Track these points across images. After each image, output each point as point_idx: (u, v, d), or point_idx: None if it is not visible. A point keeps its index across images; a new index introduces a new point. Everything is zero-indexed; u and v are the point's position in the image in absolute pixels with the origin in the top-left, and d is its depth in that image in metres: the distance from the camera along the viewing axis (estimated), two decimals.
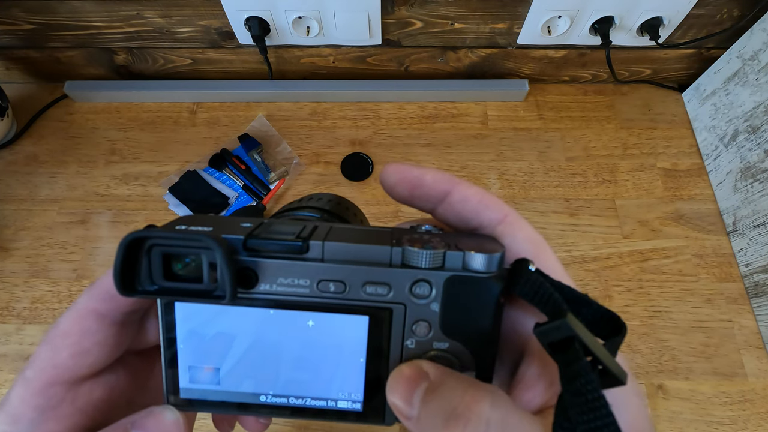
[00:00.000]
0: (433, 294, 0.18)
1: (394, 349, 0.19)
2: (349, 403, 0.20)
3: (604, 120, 0.65)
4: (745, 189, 0.55)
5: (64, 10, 0.56)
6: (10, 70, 0.67)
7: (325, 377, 0.20)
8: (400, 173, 0.20)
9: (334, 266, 0.18)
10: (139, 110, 0.66)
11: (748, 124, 0.54)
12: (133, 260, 0.17)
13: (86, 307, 0.19)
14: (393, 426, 0.20)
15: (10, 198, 0.60)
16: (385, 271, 0.18)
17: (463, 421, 0.15)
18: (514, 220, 0.19)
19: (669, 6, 0.54)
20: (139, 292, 0.17)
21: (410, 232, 0.19)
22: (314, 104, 0.67)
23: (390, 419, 0.20)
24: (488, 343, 0.19)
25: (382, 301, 0.18)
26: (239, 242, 0.17)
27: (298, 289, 0.18)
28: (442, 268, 0.18)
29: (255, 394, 0.20)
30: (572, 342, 0.15)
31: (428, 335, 0.19)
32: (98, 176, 0.62)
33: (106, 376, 0.20)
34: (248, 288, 0.18)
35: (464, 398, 0.16)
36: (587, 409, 0.14)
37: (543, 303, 0.17)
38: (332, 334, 0.19)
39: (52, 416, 0.18)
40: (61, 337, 0.19)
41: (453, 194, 0.19)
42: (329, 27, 0.58)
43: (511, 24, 0.59)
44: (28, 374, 0.18)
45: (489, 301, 0.18)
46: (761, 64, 0.52)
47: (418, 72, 0.68)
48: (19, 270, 0.56)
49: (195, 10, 0.57)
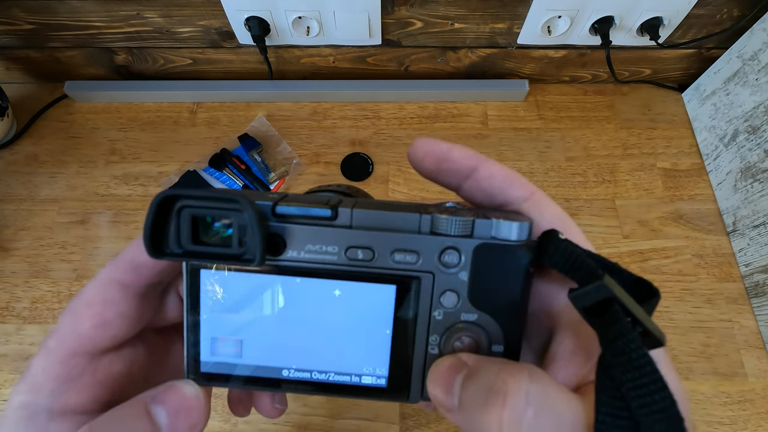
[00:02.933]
0: (462, 263, 0.18)
1: (421, 320, 0.19)
2: (374, 378, 0.19)
3: (604, 120, 0.65)
4: (745, 189, 0.55)
5: (64, 10, 0.56)
6: (10, 70, 0.67)
7: (349, 351, 0.19)
8: (428, 147, 0.20)
9: (363, 233, 0.18)
10: (139, 110, 0.66)
11: (748, 124, 0.54)
12: (162, 222, 0.17)
13: (109, 278, 0.19)
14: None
15: (10, 198, 0.60)
16: (414, 238, 0.18)
17: (501, 395, 0.15)
18: (540, 198, 0.19)
19: (669, 6, 0.54)
20: (167, 254, 0.17)
21: (437, 205, 0.19)
22: (314, 104, 0.67)
23: (415, 396, 0.19)
24: (517, 315, 0.18)
25: (410, 269, 0.18)
26: (268, 208, 0.17)
27: (325, 256, 0.18)
28: (471, 236, 0.18)
29: (278, 368, 0.19)
30: (610, 304, 0.15)
31: (456, 306, 0.18)
32: (98, 176, 0.62)
33: (127, 350, 0.20)
34: (276, 255, 0.18)
35: (500, 374, 0.15)
36: (632, 368, 0.14)
37: (575, 270, 0.17)
38: (358, 304, 0.19)
39: (73, 387, 0.18)
40: (84, 307, 0.19)
41: (480, 170, 0.19)
42: (329, 27, 0.58)
43: (511, 24, 0.59)
44: (51, 344, 0.18)
45: (519, 270, 0.18)
46: (761, 64, 0.52)
47: (418, 72, 0.68)
48: (19, 270, 0.56)
49: (195, 10, 0.57)
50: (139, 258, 0.19)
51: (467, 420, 0.16)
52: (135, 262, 0.19)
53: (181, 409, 0.18)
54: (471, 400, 0.16)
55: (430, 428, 0.48)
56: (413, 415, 0.48)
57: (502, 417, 0.14)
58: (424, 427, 0.48)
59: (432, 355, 0.19)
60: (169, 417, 0.17)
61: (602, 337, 0.15)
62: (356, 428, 0.48)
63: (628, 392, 0.14)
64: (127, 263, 0.19)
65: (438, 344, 0.19)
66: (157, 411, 0.17)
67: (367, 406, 0.49)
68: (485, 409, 0.15)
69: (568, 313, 0.18)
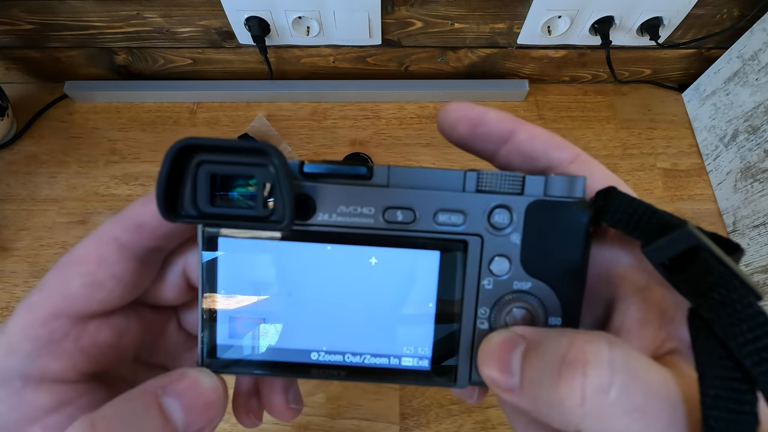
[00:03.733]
0: (513, 223, 0.16)
1: (468, 291, 0.16)
2: (415, 360, 0.17)
3: (604, 120, 0.65)
4: (745, 189, 0.55)
5: (64, 10, 0.56)
6: (10, 70, 0.67)
7: (387, 328, 0.17)
8: (462, 111, 0.18)
9: (402, 191, 0.16)
10: (139, 110, 0.66)
11: (748, 124, 0.54)
12: (177, 180, 0.15)
13: (108, 235, 0.17)
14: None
15: (10, 198, 0.60)
16: (460, 196, 0.16)
17: (580, 365, 0.13)
18: (587, 159, 0.17)
19: (669, 6, 0.54)
20: (183, 216, 0.15)
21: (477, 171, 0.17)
22: (314, 104, 0.67)
23: (462, 380, 0.17)
24: (576, 283, 0.16)
25: (455, 232, 0.16)
26: (296, 166, 0.15)
27: (360, 219, 0.16)
28: (522, 193, 0.16)
29: (306, 351, 0.17)
30: (695, 255, 0.13)
31: (508, 273, 0.16)
32: (98, 176, 0.62)
33: (117, 319, 0.18)
34: (304, 219, 0.16)
35: (574, 343, 0.13)
36: (739, 320, 0.12)
37: (643, 225, 0.15)
38: (398, 274, 0.16)
39: (51, 351, 0.16)
40: (75, 263, 0.17)
41: (518, 133, 0.17)
42: (329, 27, 0.58)
43: (511, 24, 0.59)
44: (34, 299, 0.16)
45: (578, 230, 0.16)
46: (761, 64, 0.52)
47: (418, 72, 0.68)
48: (20, 270, 0.56)
49: (195, 10, 0.57)
50: (143, 217, 0.17)
51: (534, 399, 0.14)
52: (138, 221, 0.17)
53: (198, 404, 0.16)
54: (538, 376, 0.14)
55: (430, 428, 0.48)
56: (413, 415, 0.48)
57: (584, 388, 0.12)
58: (424, 427, 0.48)
59: (481, 331, 0.17)
60: (184, 413, 0.15)
61: (691, 293, 0.13)
62: (356, 428, 0.48)
63: (739, 349, 0.12)
64: (129, 221, 0.17)
65: (488, 318, 0.17)
66: (169, 404, 0.15)
67: (368, 406, 0.49)
68: (559, 384, 0.13)
69: (631, 278, 0.16)
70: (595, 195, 0.16)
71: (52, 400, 0.16)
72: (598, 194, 0.16)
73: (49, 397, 0.16)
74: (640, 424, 0.12)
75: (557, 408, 0.13)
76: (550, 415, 0.13)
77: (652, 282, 0.15)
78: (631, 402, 0.12)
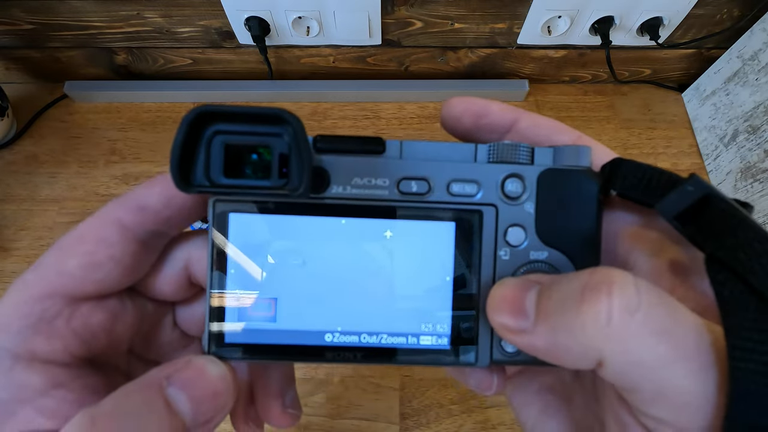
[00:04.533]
0: (526, 192, 0.16)
1: (485, 263, 0.16)
2: (434, 338, 0.16)
3: (604, 120, 0.65)
4: (745, 189, 0.55)
5: (64, 10, 0.56)
6: (10, 70, 0.66)
7: (404, 305, 0.16)
8: (465, 103, 0.18)
9: (416, 162, 0.16)
10: (139, 110, 0.66)
11: (748, 124, 0.54)
12: (191, 150, 0.15)
13: (110, 215, 0.16)
14: None
15: (10, 198, 0.60)
16: (473, 166, 0.16)
17: (605, 287, 0.12)
18: (588, 140, 0.18)
19: (669, 6, 0.54)
20: (195, 186, 0.15)
21: None
22: (314, 104, 0.67)
23: (483, 358, 0.16)
24: (592, 250, 0.16)
25: (470, 202, 0.16)
26: (309, 140, 0.15)
27: (375, 190, 0.16)
28: (532, 163, 0.16)
29: (320, 332, 0.16)
30: (707, 202, 0.14)
31: (523, 243, 0.16)
32: (98, 176, 0.62)
33: (112, 303, 0.17)
34: (318, 191, 0.16)
35: (597, 271, 0.13)
36: (758, 254, 0.12)
37: (654, 186, 0.15)
38: (413, 247, 0.16)
39: (43, 331, 0.16)
40: (74, 242, 0.16)
41: (521, 121, 0.18)
42: (329, 27, 0.58)
43: (511, 24, 0.59)
44: (29, 277, 0.16)
45: (589, 197, 0.16)
46: (761, 64, 0.52)
47: (418, 72, 0.68)
48: (20, 270, 0.56)
49: (195, 10, 0.57)
50: (148, 199, 0.16)
51: (551, 332, 0.13)
52: (142, 203, 0.16)
53: (206, 394, 0.15)
54: (556, 306, 0.13)
55: (430, 428, 0.48)
56: (413, 415, 0.48)
57: (610, 307, 0.12)
58: (424, 427, 0.48)
59: None
60: (191, 405, 0.14)
61: (706, 240, 0.14)
62: (356, 428, 0.48)
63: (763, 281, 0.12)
64: (132, 203, 0.16)
65: None
66: (175, 395, 0.14)
67: (368, 406, 0.49)
68: (581, 307, 0.12)
69: (643, 237, 0.16)
70: (601, 168, 0.17)
71: (43, 381, 0.15)
72: (604, 167, 0.16)
73: (40, 378, 0.15)
74: (666, 347, 0.12)
75: (578, 334, 0.13)
76: (568, 348, 0.13)
77: (665, 239, 0.15)
78: (658, 323, 0.12)
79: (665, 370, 0.12)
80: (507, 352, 0.17)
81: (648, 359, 0.12)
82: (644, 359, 0.12)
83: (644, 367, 0.12)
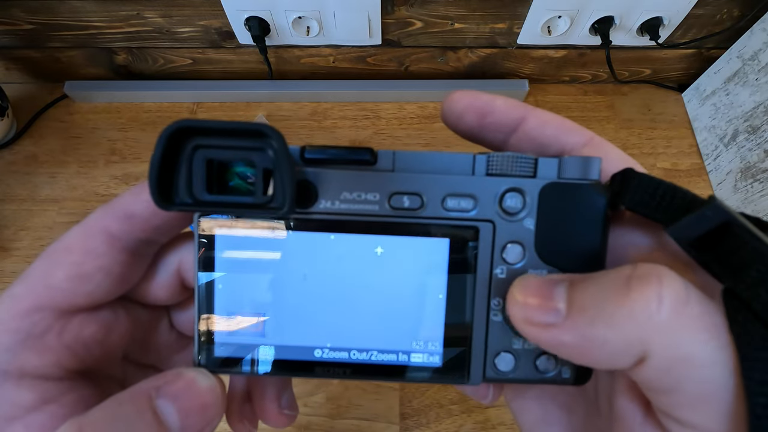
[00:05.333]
0: (526, 207, 0.15)
1: (480, 281, 0.15)
2: (425, 356, 0.16)
3: (604, 120, 0.65)
4: (745, 189, 0.55)
5: (64, 10, 0.56)
6: (10, 70, 0.66)
7: (395, 322, 0.16)
8: (468, 99, 0.17)
9: (409, 176, 0.15)
10: (139, 110, 0.66)
11: (748, 124, 0.54)
12: (172, 165, 0.14)
13: (97, 224, 0.16)
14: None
15: (10, 198, 0.60)
16: (470, 179, 0.15)
17: (654, 277, 0.12)
18: (600, 142, 0.17)
19: (669, 6, 0.54)
20: (177, 204, 0.14)
21: None
22: (314, 104, 0.67)
23: (476, 376, 0.16)
24: (594, 270, 0.15)
25: (465, 218, 0.15)
26: (296, 152, 0.15)
27: (365, 205, 0.15)
28: (534, 176, 0.15)
29: (309, 348, 0.16)
30: (727, 230, 0.13)
31: (522, 261, 0.15)
32: (98, 176, 0.62)
33: (104, 314, 0.17)
34: (306, 206, 0.15)
35: (639, 267, 0.12)
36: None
37: (666, 204, 0.14)
38: (405, 263, 0.15)
39: (33, 346, 0.15)
40: (61, 253, 0.16)
41: (529, 120, 0.17)
42: (329, 27, 0.58)
43: (511, 24, 0.59)
44: (17, 291, 0.15)
45: (595, 213, 0.15)
46: (761, 64, 0.52)
47: (418, 72, 0.68)
48: (19, 270, 0.56)
49: (195, 10, 0.57)
50: (135, 207, 0.16)
51: (588, 324, 0.12)
52: (129, 211, 0.16)
53: (194, 407, 0.15)
54: (596, 298, 0.12)
55: (430, 428, 0.48)
56: (413, 415, 0.48)
57: (662, 295, 0.11)
58: (424, 427, 0.48)
59: (495, 323, 0.16)
60: (179, 417, 0.14)
61: (724, 272, 0.13)
62: (356, 428, 0.48)
63: None
64: (120, 211, 0.16)
65: (501, 309, 0.16)
66: (164, 407, 0.14)
67: (368, 406, 0.49)
68: (628, 295, 0.12)
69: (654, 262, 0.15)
70: (611, 177, 0.16)
71: (33, 398, 0.15)
72: (614, 177, 0.15)
73: (30, 394, 0.15)
74: (717, 343, 0.11)
75: (623, 325, 0.12)
76: (605, 341, 0.12)
77: (677, 265, 0.14)
78: (711, 320, 0.11)
79: (713, 370, 0.11)
80: (500, 371, 0.16)
81: (698, 356, 0.11)
82: (694, 355, 0.11)
83: (692, 364, 0.11)
